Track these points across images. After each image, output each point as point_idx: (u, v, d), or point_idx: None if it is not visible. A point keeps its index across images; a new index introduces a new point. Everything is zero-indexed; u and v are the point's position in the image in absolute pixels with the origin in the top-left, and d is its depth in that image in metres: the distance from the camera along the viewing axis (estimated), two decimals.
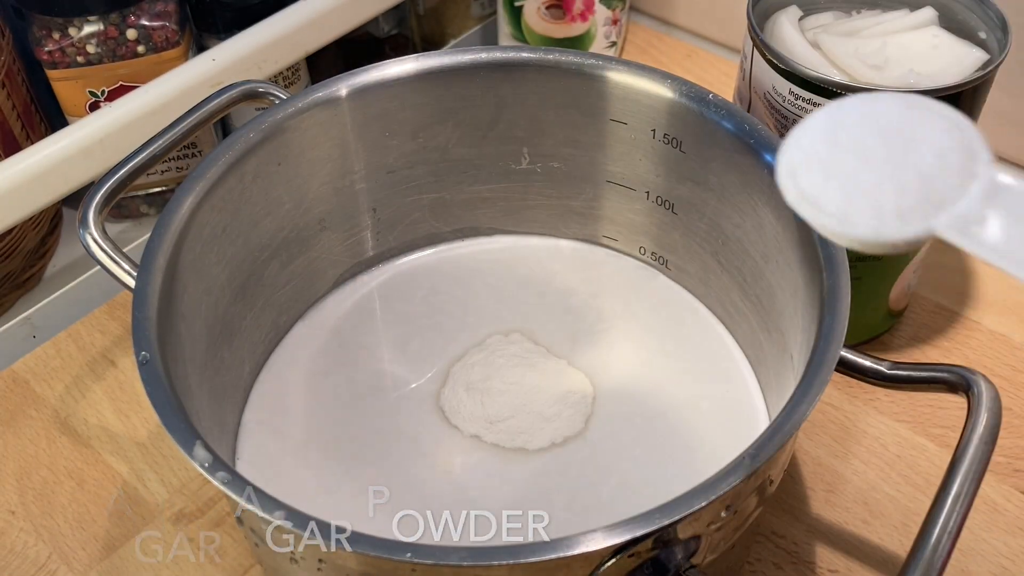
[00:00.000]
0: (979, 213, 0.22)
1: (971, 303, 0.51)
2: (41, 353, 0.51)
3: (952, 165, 0.22)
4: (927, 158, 0.22)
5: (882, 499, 0.43)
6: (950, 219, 0.22)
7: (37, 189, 0.47)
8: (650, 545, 0.29)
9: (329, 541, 0.28)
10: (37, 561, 0.42)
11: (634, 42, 0.70)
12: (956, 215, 0.22)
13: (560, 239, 0.50)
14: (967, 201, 0.22)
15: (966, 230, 0.22)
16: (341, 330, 0.46)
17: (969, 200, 0.22)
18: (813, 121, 0.24)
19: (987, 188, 0.22)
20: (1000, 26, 0.41)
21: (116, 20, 0.51)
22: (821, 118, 0.24)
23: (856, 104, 0.24)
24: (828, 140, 0.24)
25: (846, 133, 0.24)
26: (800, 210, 0.24)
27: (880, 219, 0.23)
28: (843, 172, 0.23)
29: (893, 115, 0.24)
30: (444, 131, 0.45)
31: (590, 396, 0.43)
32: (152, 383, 0.32)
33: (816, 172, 0.24)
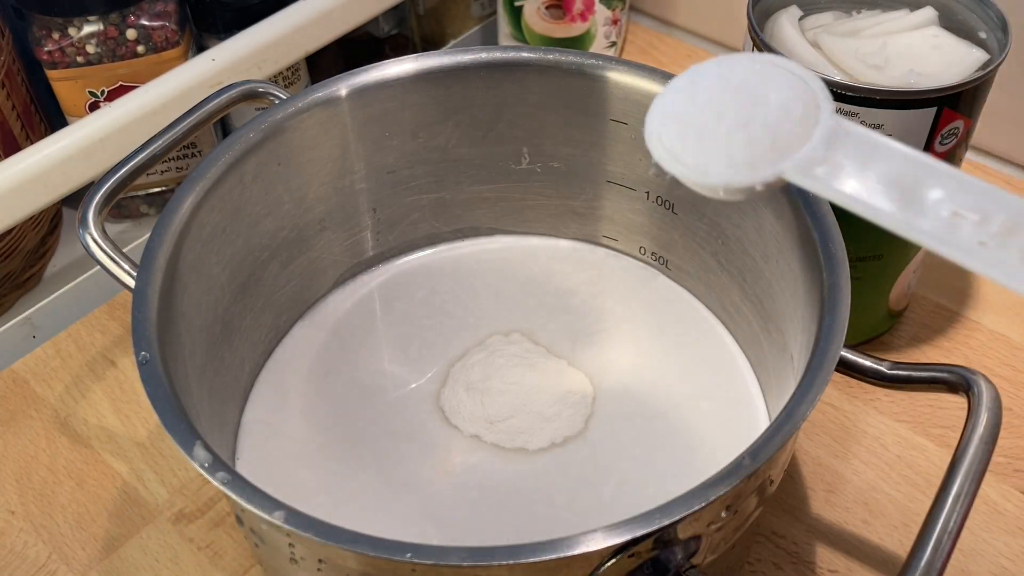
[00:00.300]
0: (821, 156, 0.24)
1: (971, 303, 0.51)
2: (41, 353, 0.51)
3: (795, 115, 0.24)
4: (773, 110, 0.24)
5: (882, 499, 0.43)
6: (795, 163, 0.24)
7: (37, 189, 0.47)
8: (650, 545, 0.29)
9: (329, 542, 0.28)
10: (37, 561, 0.42)
11: (634, 42, 0.70)
12: (800, 159, 0.24)
13: (560, 239, 0.50)
14: (809, 146, 0.24)
15: (810, 172, 0.24)
16: (341, 330, 0.46)
17: (811, 145, 0.24)
18: (675, 84, 0.27)
19: (827, 134, 0.24)
20: (1000, 26, 0.41)
21: (116, 20, 0.51)
22: (682, 81, 0.26)
23: (712, 66, 0.26)
24: (688, 100, 0.26)
25: (703, 93, 0.26)
26: (664, 164, 0.26)
27: (733, 167, 0.25)
28: (700, 127, 0.25)
29: (744, 74, 0.26)
30: (444, 131, 0.45)
31: (590, 396, 0.43)
32: (152, 383, 0.32)
33: (677, 129, 0.26)
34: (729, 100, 0.25)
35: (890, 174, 0.23)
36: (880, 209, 0.23)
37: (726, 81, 0.26)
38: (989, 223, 0.22)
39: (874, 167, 0.23)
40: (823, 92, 0.25)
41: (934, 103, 0.39)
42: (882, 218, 0.23)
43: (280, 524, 0.28)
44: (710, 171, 0.25)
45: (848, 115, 0.40)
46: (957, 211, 0.22)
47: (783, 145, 0.24)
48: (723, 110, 0.25)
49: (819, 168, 0.24)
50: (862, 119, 0.40)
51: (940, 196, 0.23)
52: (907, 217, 0.23)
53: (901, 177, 0.23)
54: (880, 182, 0.23)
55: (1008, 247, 0.22)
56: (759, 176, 0.24)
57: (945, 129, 0.40)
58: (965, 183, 0.23)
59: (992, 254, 0.22)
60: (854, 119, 0.40)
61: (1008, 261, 0.21)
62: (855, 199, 0.24)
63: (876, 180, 0.23)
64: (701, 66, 0.26)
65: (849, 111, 0.40)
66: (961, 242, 0.22)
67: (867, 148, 0.24)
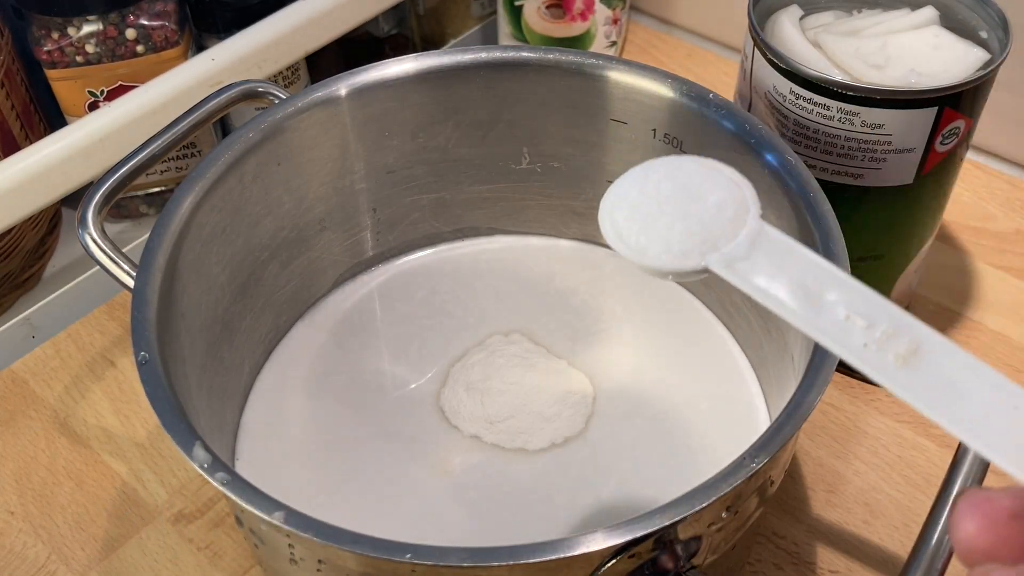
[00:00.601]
0: (743, 254, 0.28)
1: (972, 303, 0.51)
2: (40, 353, 0.51)
3: (728, 215, 0.28)
4: (710, 208, 0.28)
5: (883, 499, 0.43)
6: (720, 257, 0.28)
7: (36, 189, 0.47)
8: (651, 546, 0.29)
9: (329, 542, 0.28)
10: (36, 562, 0.42)
11: (634, 42, 0.70)
12: (725, 254, 0.28)
13: (560, 239, 0.50)
14: (735, 244, 0.28)
15: (732, 266, 0.28)
16: (341, 330, 0.46)
17: (736, 243, 0.28)
18: (631, 172, 0.30)
19: (751, 235, 0.28)
20: (1001, 25, 0.41)
21: (115, 20, 0.51)
22: (637, 171, 0.30)
23: (663, 163, 0.30)
24: (639, 189, 0.30)
25: (652, 185, 0.30)
26: (610, 240, 0.30)
27: (669, 254, 0.28)
28: (645, 214, 0.29)
29: (690, 173, 0.30)
30: (444, 131, 0.45)
31: (590, 396, 0.43)
32: (151, 383, 0.32)
33: (626, 212, 0.29)
34: (673, 194, 0.29)
35: (799, 276, 0.27)
36: (786, 305, 0.27)
37: (673, 177, 0.30)
38: (874, 329, 0.25)
39: (786, 269, 0.27)
40: (753, 198, 0.29)
41: (935, 103, 0.39)
42: (786, 313, 0.27)
43: (280, 525, 0.28)
44: (648, 254, 0.29)
45: (849, 115, 0.40)
46: (849, 315, 0.26)
47: (713, 240, 0.28)
48: (667, 202, 0.29)
49: (740, 264, 0.28)
50: (863, 119, 0.39)
51: (836, 299, 0.26)
52: (808, 315, 0.26)
53: (807, 280, 0.27)
54: (789, 282, 0.27)
55: (886, 351, 0.25)
56: (688, 265, 0.28)
57: (946, 129, 0.40)
58: (860, 292, 0.26)
59: (872, 356, 0.25)
60: (855, 118, 0.40)
61: (885, 363, 0.25)
62: (766, 294, 0.27)
63: (786, 280, 0.27)
64: (654, 161, 0.30)
65: (850, 111, 0.39)
66: (849, 342, 0.25)
67: (783, 251, 0.28)
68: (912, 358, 0.24)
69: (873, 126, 0.40)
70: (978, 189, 0.57)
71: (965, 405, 0.23)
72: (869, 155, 0.41)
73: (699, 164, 0.30)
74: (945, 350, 0.24)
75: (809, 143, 0.41)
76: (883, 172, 0.41)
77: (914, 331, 0.25)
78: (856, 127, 0.40)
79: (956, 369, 0.24)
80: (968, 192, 0.57)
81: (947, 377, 0.24)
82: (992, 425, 0.23)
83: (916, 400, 0.24)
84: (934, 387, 0.24)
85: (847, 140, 0.40)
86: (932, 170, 0.42)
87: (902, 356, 0.25)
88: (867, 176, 0.41)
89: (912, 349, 0.25)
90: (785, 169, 0.37)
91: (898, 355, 0.25)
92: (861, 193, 0.42)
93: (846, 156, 0.41)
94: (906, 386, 0.24)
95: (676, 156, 0.31)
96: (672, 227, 0.29)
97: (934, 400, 0.24)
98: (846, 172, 0.42)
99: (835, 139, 0.41)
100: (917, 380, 0.24)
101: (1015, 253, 0.54)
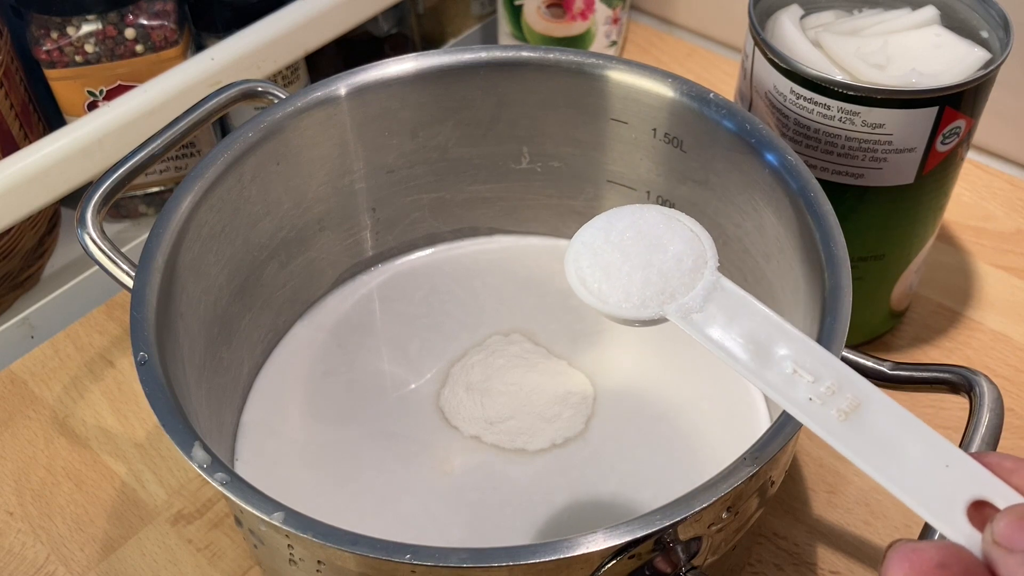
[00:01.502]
0: (698, 306, 0.29)
1: (973, 303, 0.51)
2: (39, 353, 0.51)
3: (686, 266, 0.30)
4: (670, 259, 0.30)
5: (884, 500, 0.43)
6: (676, 308, 0.29)
7: (35, 189, 0.47)
8: (651, 546, 0.29)
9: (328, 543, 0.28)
10: (36, 562, 0.42)
11: (635, 41, 0.70)
12: (680, 305, 0.29)
13: (560, 239, 0.49)
14: (691, 296, 0.29)
15: (687, 318, 0.29)
16: (340, 330, 0.46)
17: (693, 295, 0.29)
18: (597, 221, 0.32)
19: (708, 287, 0.29)
20: (1002, 25, 0.41)
21: (114, 19, 0.51)
22: (602, 220, 0.32)
23: (628, 211, 0.32)
24: (603, 237, 0.31)
25: (616, 233, 0.31)
26: (573, 286, 0.31)
27: (628, 303, 0.30)
28: (607, 263, 0.31)
29: (653, 223, 0.31)
30: (444, 131, 0.45)
31: (590, 397, 0.43)
32: (150, 384, 0.32)
33: (589, 260, 0.31)
34: (636, 244, 0.31)
35: (750, 329, 0.28)
36: (737, 357, 0.28)
37: (637, 227, 0.31)
38: (819, 384, 0.27)
39: (739, 321, 0.28)
40: (711, 250, 0.30)
41: (936, 102, 0.39)
42: (737, 366, 0.28)
43: (279, 525, 0.28)
44: (608, 301, 0.30)
45: (850, 114, 0.40)
46: (796, 369, 0.27)
47: (671, 291, 0.29)
48: (628, 252, 0.30)
49: (695, 315, 0.29)
50: (863, 118, 0.39)
51: (785, 354, 0.27)
52: (757, 367, 0.27)
53: (759, 333, 0.28)
54: (741, 335, 0.28)
55: (829, 406, 0.26)
56: (646, 314, 0.30)
57: (947, 128, 0.40)
58: (808, 347, 0.27)
59: (817, 410, 0.26)
60: (856, 118, 0.40)
61: (828, 417, 0.26)
62: (719, 346, 0.28)
63: (738, 333, 0.28)
64: (620, 209, 0.32)
65: (851, 110, 0.39)
66: (795, 396, 0.27)
67: (736, 304, 0.29)
68: (853, 414, 0.26)
69: (874, 126, 0.40)
70: (979, 189, 0.57)
71: (900, 462, 0.25)
72: (870, 155, 0.41)
73: (662, 214, 0.31)
74: (885, 407, 0.26)
75: (809, 143, 0.41)
76: (884, 172, 0.41)
77: (857, 388, 0.26)
78: (857, 127, 0.40)
79: (894, 426, 0.25)
80: (969, 192, 0.57)
81: (885, 433, 0.25)
82: (923, 483, 0.24)
83: (854, 455, 0.25)
84: (872, 443, 0.25)
85: (848, 140, 0.40)
86: (933, 170, 0.42)
87: (844, 411, 0.26)
88: (868, 176, 0.41)
89: (854, 405, 0.26)
90: (785, 169, 0.37)
91: (840, 410, 0.26)
92: (862, 193, 0.42)
93: (847, 156, 0.41)
94: (846, 441, 0.26)
95: (640, 205, 0.32)
96: (632, 277, 0.30)
97: (871, 456, 0.25)
98: (847, 172, 0.42)
99: (836, 139, 0.41)
100: (857, 436, 0.26)
101: (1016, 253, 0.54)
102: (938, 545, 0.22)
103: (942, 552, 0.22)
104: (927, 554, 0.22)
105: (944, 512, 0.23)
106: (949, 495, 0.24)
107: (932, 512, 0.24)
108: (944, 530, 0.23)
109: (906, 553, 0.22)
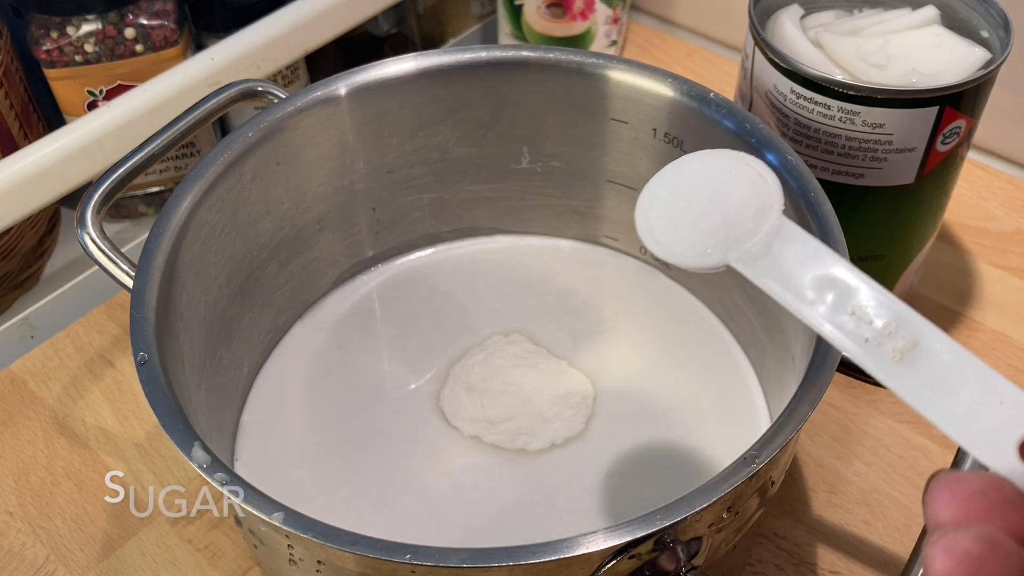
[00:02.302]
0: (761, 252, 0.29)
1: (973, 303, 0.51)
2: (39, 354, 0.51)
3: (750, 212, 0.30)
4: (734, 206, 0.30)
5: (884, 500, 0.43)
6: (739, 254, 0.29)
7: (35, 189, 0.47)
8: (651, 546, 0.29)
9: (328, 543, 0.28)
10: (35, 562, 0.42)
11: (635, 41, 0.70)
12: (743, 252, 0.29)
13: (560, 239, 0.49)
14: (754, 242, 0.29)
15: (750, 264, 0.29)
16: (340, 330, 0.46)
17: (755, 242, 0.29)
18: (665, 171, 0.32)
19: (771, 233, 0.29)
20: (1002, 25, 0.41)
21: (114, 19, 0.51)
22: (671, 169, 0.32)
23: (696, 158, 0.32)
24: (670, 186, 0.32)
25: (684, 182, 0.31)
26: (642, 236, 0.31)
27: (693, 251, 0.30)
28: (674, 211, 0.31)
29: (719, 169, 0.31)
30: (444, 130, 0.45)
31: (591, 397, 0.43)
32: (150, 384, 0.32)
33: (657, 210, 0.31)
34: (702, 191, 0.31)
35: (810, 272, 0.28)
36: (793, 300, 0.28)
37: (703, 175, 0.31)
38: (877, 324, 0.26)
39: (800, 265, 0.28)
40: (778, 193, 0.30)
41: (936, 102, 0.39)
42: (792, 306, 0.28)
43: (279, 525, 0.28)
44: (675, 251, 0.31)
45: (850, 114, 0.39)
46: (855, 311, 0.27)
47: (735, 237, 0.29)
48: (693, 199, 0.31)
49: (758, 262, 0.29)
50: (864, 118, 0.39)
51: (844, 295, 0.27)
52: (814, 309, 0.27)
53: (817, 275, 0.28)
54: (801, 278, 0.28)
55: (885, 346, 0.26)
56: (709, 262, 0.30)
57: (947, 128, 0.40)
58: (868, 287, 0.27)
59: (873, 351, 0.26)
60: (856, 118, 0.39)
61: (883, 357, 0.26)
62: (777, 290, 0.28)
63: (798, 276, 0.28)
64: (689, 157, 0.32)
65: (851, 110, 0.39)
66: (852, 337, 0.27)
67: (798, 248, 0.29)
68: (909, 353, 0.25)
69: (874, 126, 0.40)
70: (979, 189, 0.57)
71: (954, 400, 0.24)
72: (870, 155, 0.41)
73: (731, 159, 0.31)
74: (942, 344, 0.25)
75: (810, 143, 0.41)
76: (884, 172, 0.41)
77: (914, 327, 0.26)
78: (857, 127, 0.40)
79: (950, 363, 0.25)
80: (969, 192, 0.57)
81: (940, 372, 0.25)
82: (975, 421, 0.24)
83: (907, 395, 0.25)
84: (926, 382, 0.25)
85: (848, 140, 0.40)
86: (933, 170, 0.41)
87: (900, 351, 0.26)
88: (868, 176, 0.41)
89: (910, 344, 0.26)
90: (786, 169, 0.37)
91: (896, 350, 0.26)
92: (862, 193, 0.42)
93: (847, 156, 0.41)
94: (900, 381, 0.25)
95: (709, 152, 0.32)
96: (697, 225, 0.30)
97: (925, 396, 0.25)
98: (847, 172, 0.41)
99: (836, 139, 0.41)
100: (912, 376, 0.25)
101: (1016, 253, 0.54)
102: (980, 475, 0.22)
103: (983, 481, 0.22)
104: (968, 483, 0.22)
105: (995, 448, 0.23)
106: (1001, 432, 0.23)
107: (982, 448, 0.24)
108: (993, 465, 0.23)
109: (947, 482, 0.22)
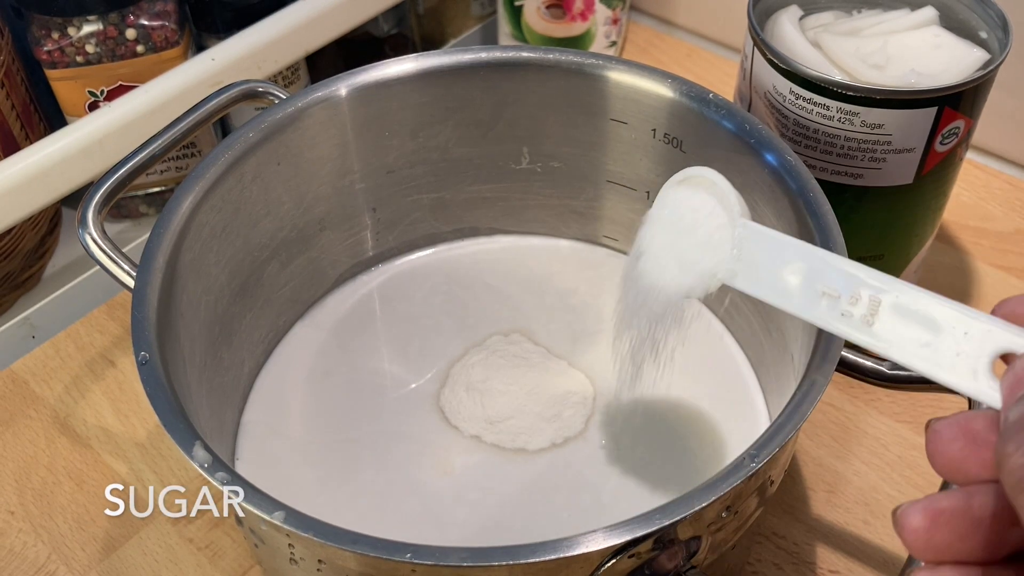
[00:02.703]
0: (734, 266, 0.31)
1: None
2: (40, 353, 0.51)
3: (718, 239, 0.32)
4: (699, 238, 0.32)
5: (883, 500, 0.43)
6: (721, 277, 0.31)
7: (36, 189, 0.47)
8: (650, 546, 0.29)
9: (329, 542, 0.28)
10: (36, 562, 0.42)
11: (634, 42, 0.70)
12: (723, 273, 0.31)
13: (560, 239, 0.50)
14: (727, 259, 0.31)
15: (732, 280, 0.31)
16: (341, 330, 0.46)
17: (728, 258, 0.31)
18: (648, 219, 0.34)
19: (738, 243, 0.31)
20: (1001, 25, 0.41)
21: (115, 20, 0.51)
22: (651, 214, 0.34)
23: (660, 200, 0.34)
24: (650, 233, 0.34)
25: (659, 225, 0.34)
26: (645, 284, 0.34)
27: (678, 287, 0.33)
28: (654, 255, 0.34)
29: (680, 203, 0.33)
30: (444, 131, 0.45)
31: (590, 396, 0.43)
32: (151, 383, 0.32)
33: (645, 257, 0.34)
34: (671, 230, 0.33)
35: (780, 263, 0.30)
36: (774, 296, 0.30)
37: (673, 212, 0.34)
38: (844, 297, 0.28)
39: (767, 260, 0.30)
40: (738, 205, 0.32)
41: (935, 103, 0.39)
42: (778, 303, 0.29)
43: (280, 524, 0.28)
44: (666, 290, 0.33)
45: (849, 115, 0.40)
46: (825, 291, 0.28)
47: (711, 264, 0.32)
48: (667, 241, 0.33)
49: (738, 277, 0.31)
50: (863, 119, 0.39)
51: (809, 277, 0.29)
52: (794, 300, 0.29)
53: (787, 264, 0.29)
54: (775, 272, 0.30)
55: (854, 314, 0.27)
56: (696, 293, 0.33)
57: (946, 129, 0.40)
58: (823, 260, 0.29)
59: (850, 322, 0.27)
60: (855, 118, 0.40)
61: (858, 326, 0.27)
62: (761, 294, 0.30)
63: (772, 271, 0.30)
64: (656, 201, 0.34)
65: (850, 111, 0.39)
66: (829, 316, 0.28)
67: (762, 245, 0.30)
68: (875, 315, 0.27)
69: (873, 126, 0.40)
70: (978, 189, 0.57)
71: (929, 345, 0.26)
72: (869, 155, 0.41)
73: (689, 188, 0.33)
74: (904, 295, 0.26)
75: (809, 143, 0.41)
76: (883, 172, 0.41)
77: (871, 287, 0.27)
78: (856, 127, 0.40)
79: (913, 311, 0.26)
80: (968, 192, 0.57)
81: (908, 322, 0.26)
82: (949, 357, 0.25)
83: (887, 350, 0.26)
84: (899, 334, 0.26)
85: (847, 140, 0.40)
86: (932, 170, 0.42)
87: (866, 316, 0.27)
88: (867, 176, 0.41)
89: (874, 305, 0.27)
90: (785, 169, 0.37)
91: (863, 316, 0.27)
92: (861, 193, 0.42)
93: (846, 156, 0.41)
94: (879, 340, 0.27)
95: (666, 187, 0.34)
96: (673, 264, 0.33)
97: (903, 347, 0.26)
98: (846, 172, 0.42)
99: (835, 139, 0.41)
100: (888, 331, 0.27)
101: (1015, 253, 0.54)
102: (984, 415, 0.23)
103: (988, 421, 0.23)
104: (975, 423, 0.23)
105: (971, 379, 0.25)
106: (972, 359, 0.25)
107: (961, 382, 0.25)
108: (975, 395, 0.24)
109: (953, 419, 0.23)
